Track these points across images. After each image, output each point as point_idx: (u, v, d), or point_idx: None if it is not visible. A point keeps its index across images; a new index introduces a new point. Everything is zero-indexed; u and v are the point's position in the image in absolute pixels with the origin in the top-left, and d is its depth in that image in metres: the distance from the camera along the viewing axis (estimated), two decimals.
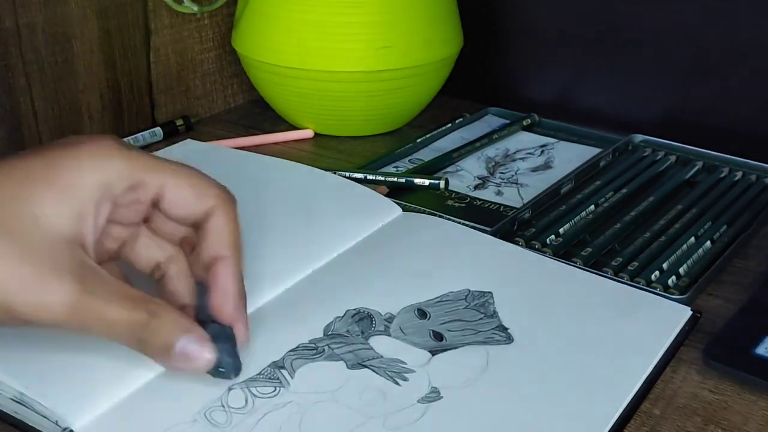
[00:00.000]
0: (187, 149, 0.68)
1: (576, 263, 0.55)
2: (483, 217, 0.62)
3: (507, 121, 0.79)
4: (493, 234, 0.58)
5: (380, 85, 0.72)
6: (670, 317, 0.49)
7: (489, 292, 0.50)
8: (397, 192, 0.65)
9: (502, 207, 0.64)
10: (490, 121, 0.80)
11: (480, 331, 0.47)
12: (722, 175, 0.68)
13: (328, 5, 0.70)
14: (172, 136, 0.76)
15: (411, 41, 0.71)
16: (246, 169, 0.64)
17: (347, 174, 0.65)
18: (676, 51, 0.75)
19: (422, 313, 0.49)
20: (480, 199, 0.65)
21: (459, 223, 0.60)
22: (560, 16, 0.81)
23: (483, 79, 0.87)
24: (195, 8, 0.76)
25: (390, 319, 0.48)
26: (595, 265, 0.55)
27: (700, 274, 0.54)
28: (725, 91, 0.74)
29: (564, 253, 0.57)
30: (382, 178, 0.66)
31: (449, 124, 0.78)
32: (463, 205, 0.64)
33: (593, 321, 0.48)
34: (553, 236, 0.59)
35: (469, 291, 0.51)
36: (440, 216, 0.61)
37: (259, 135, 0.76)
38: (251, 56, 0.74)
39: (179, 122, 0.77)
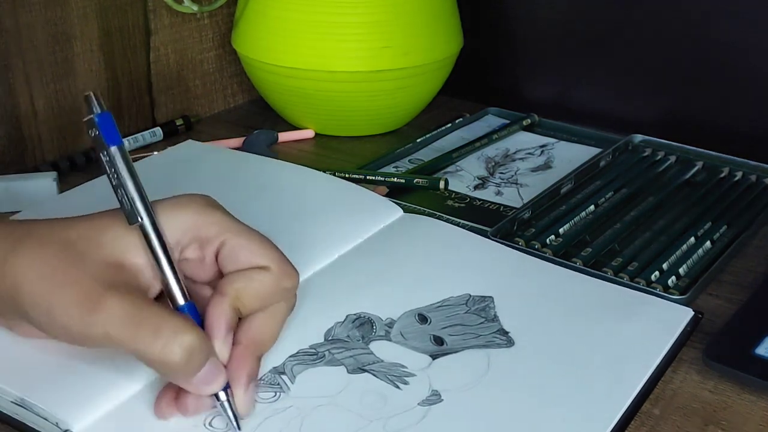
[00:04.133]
0: (188, 150, 0.68)
1: (576, 263, 0.55)
2: (483, 218, 0.62)
3: (507, 121, 0.79)
4: (493, 234, 0.58)
5: (380, 85, 0.72)
6: (671, 318, 0.49)
7: (490, 297, 0.50)
8: (397, 192, 0.65)
9: (502, 207, 0.64)
10: (490, 121, 0.80)
11: (481, 335, 0.47)
12: (722, 175, 0.68)
13: (328, 5, 0.70)
14: (172, 135, 0.76)
15: (411, 41, 0.71)
16: (246, 171, 0.64)
17: (347, 174, 0.65)
18: (676, 51, 0.75)
19: (423, 318, 0.48)
20: (480, 199, 0.65)
21: (459, 223, 0.60)
22: (560, 16, 0.81)
23: (483, 79, 0.87)
24: (195, 8, 0.76)
25: (390, 324, 0.48)
26: (595, 265, 0.55)
27: (700, 274, 0.54)
28: (725, 91, 0.74)
29: (564, 253, 0.57)
30: (382, 178, 0.66)
31: (449, 124, 0.78)
32: (463, 205, 0.64)
33: (594, 324, 0.48)
34: (552, 236, 0.59)
35: (470, 296, 0.50)
36: (440, 216, 0.61)
37: None
38: (251, 56, 0.74)
39: (179, 122, 0.77)
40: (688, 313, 0.49)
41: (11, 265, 0.39)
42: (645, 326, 0.48)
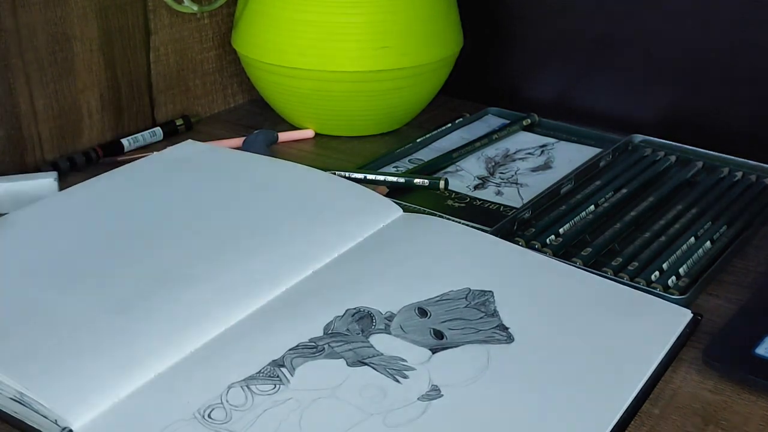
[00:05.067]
0: (187, 150, 0.68)
1: (576, 263, 0.55)
2: (483, 217, 0.62)
3: (507, 122, 0.79)
4: (494, 234, 0.58)
5: (380, 85, 0.72)
6: (670, 320, 0.49)
7: (489, 291, 0.50)
8: (397, 192, 0.65)
9: (502, 207, 0.64)
10: (490, 121, 0.80)
11: (480, 330, 0.47)
12: (722, 176, 0.68)
13: (328, 5, 0.70)
14: (171, 136, 0.76)
15: (410, 41, 0.71)
16: (246, 170, 0.64)
17: (347, 174, 0.65)
18: (675, 51, 0.75)
19: (423, 312, 0.48)
20: (480, 199, 0.65)
21: (459, 223, 0.60)
22: (560, 17, 0.81)
23: (483, 79, 0.87)
24: (195, 8, 0.76)
25: (390, 317, 0.48)
26: (595, 265, 0.55)
27: (700, 274, 0.54)
28: (725, 91, 0.74)
29: (564, 253, 0.57)
30: (382, 178, 0.66)
31: (449, 124, 0.78)
32: (463, 205, 0.64)
33: (594, 322, 0.48)
34: (553, 236, 0.59)
35: (470, 290, 0.50)
36: (440, 216, 0.61)
37: None
38: (251, 56, 0.74)
39: (179, 122, 0.77)
40: (687, 315, 0.49)
41: None
42: (644, 326, 0.48)
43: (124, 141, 0.73)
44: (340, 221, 0.57)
